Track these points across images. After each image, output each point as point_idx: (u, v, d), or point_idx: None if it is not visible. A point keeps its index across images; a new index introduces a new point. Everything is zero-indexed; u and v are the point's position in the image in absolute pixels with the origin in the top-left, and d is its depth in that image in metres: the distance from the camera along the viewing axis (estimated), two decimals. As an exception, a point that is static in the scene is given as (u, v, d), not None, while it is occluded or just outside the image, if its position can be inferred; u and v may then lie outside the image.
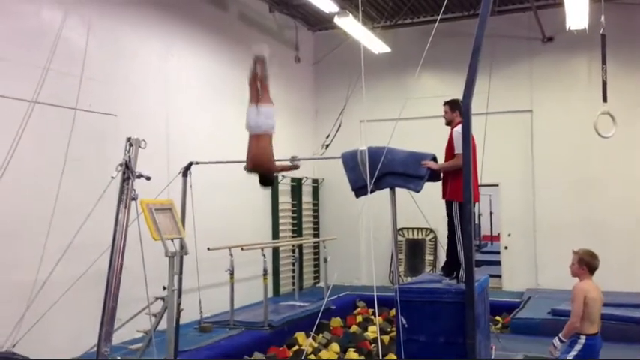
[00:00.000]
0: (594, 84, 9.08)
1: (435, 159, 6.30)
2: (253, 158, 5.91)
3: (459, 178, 5.68)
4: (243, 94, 10.40)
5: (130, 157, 4.41)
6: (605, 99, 6.82)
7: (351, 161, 6.33)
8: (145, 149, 4.63)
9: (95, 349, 4.18)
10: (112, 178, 4.40)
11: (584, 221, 11.02)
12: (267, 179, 6.13)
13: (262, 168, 5.93)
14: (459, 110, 6.17)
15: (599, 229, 10.79)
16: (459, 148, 5.75)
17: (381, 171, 5.95)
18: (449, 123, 6.27)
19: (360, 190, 6.29)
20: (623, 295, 9.51)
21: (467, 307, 5.32)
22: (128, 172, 4.37)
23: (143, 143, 4.54)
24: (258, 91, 6.06)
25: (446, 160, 6.15)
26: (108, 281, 4.19)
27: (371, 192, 6.00)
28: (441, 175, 6.22)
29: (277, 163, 6.31)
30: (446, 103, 6.33)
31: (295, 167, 6.96)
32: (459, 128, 5.84)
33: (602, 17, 6.82)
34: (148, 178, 4.58)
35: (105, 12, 7.60)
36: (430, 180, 6.27)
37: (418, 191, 6.12)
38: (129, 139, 4.51)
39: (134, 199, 4.38)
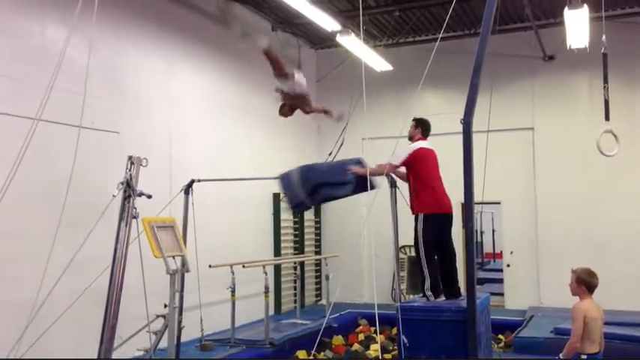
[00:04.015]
0: (596, 102, 9.09)
1: (359, 162, 6.30)
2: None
3: (427, 191, 6.12)
4: (246, 112, 10.59)
5: (131, 175, 4.42)
6: (607, 117, 6.83)
7: (286, 181, 6.48)
8: (148, 166, 4.64)
9: (95, 367, 4.16)
10: (114, 196, 4.41)
11: (587, 239, 10.97)
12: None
13: (298, 101, 6.33)
14: (421, 128, 6.53)
15: (603, 247, 10.73)
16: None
17: (313, 183, 6.23)
18: (410, 138, 6.47)
19: (299, 206, 6.56)
20: (626, 314, 9.46)
21: (468, 326, 5.30)
22: (129, 190, 4.37)
23: (145, 161, 4.55)
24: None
25: (408, 176, 6.39)
26: (108, 299, 4.18)
27: (310, 206, 6.28)
28: (410, 191, 6.39)
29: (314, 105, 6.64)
30: (414, 120, 6.62)
31: (329, 113, 6.89)
32: (414, 144, 6.32)
33: (604, 37, 6.86)
34: (149, 197, 4.59)
35: (108, 30, 7.66)
36: (362, 190, 6.11)
37: (347, 195, 6.28)
38: (130, 157, 4.53)
39: (135, 217, 4.39)
